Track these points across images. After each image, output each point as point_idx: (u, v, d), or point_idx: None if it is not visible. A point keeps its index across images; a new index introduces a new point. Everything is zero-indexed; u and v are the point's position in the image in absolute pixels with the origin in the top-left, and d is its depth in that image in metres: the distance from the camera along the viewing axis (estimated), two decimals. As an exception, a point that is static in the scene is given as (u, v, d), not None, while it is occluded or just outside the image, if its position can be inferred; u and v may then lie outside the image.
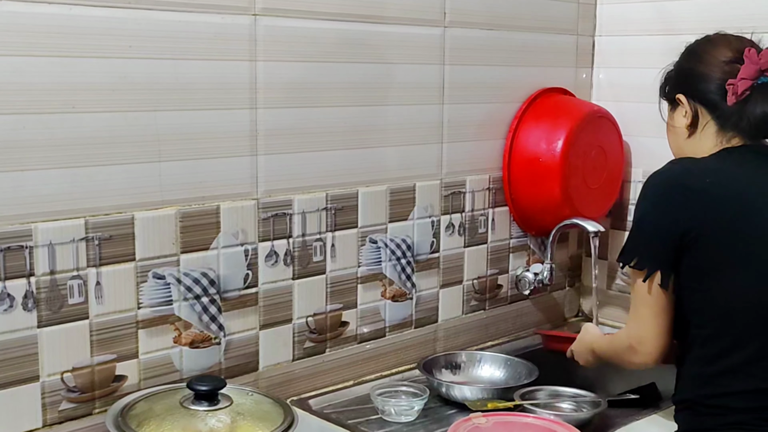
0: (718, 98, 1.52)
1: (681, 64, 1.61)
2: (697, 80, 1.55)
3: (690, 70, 1.58)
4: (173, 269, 1.59)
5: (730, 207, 1.45)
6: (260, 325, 1.74)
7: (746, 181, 1.49)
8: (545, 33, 2.23)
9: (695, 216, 1.45)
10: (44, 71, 1.39)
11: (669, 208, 1.47)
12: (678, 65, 1.62)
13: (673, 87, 1.61)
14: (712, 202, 1.45)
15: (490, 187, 2.15)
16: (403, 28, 1.89)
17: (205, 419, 1.40)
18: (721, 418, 1.44)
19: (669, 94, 1.63)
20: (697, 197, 1.46)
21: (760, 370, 1.42)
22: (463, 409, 1.77)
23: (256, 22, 1.64)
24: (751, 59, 1.49)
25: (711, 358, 1.46)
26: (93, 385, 1.51)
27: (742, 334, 1.43)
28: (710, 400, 1.45)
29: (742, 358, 1.43)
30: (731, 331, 1.44)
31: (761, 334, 1.42)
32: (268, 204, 1.71)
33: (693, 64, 1.57)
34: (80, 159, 1.45)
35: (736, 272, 1.43)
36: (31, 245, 1.41)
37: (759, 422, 1.42)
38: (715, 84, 1.52)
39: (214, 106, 1.60)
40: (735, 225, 1.44)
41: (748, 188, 1.48)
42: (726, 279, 1.44)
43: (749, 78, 1.48)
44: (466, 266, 2.13)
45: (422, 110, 1.97)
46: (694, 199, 1.46)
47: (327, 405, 1.80)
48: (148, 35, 1.50)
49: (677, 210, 1.46)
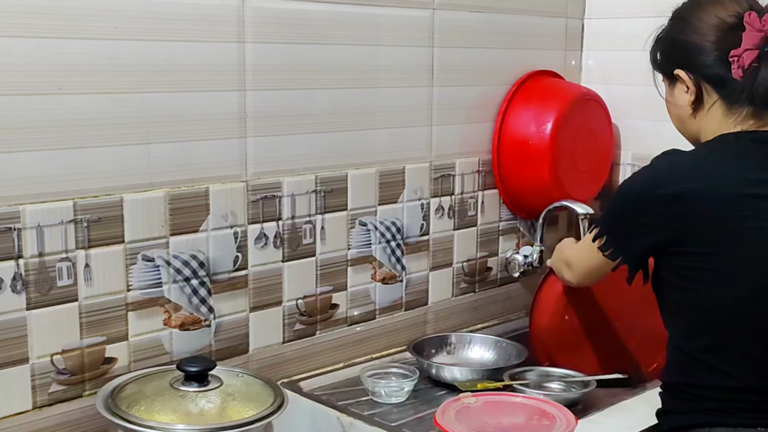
0: (722, 71, 1.39)
1: (672, 33, 1.48)
2: (693, 53, 1.42)
3: (684, 42, 1.44)
4: (162, 251, 1.58)
5: (710, 211, 1.36)
6: (250, 307, 1.74)
7: (733, 180, 1.37)
8: (534, 16, 2.23)
9: (673, 224, 1.39)
10: (31, 52, 1.38)
11: (648, 214, 1.41)
12: (669, 34, 1.49)
13: (669, 60, 1.49)
14: (690, 208, 1.37)
15: (480, 169, 2.15)
16: (393, 10, 1.89)
17: (195, 400, 1.40)
18: (696, 403, 1.45)
19: (665, 67, 1.51)
20: (672, 205, 1.38)
21: (737, 370, 1.40)
22: (453, 390, 1.78)
23: (244, 3, 1.63)
24: (753, 25, 1.35)
25: (691, 350, 1.45)
26: (83, 367, 1.51)
27: (722, 334, 1.40)
28: (687, 387, 1.46)
29: (720, 357, 1.41)
30: (712, 330, 1.41)
31: (740, 336, 1.40)
32: (258, 186, 1.71)
33: (686, 34, 1.44)
34: (68, 141, 1.44)
35: (715, 276, 1.38)
36: (19, 227, 1.41)
37: (732, 410, 1.42)
38: (715, 55, 1.39)
39: (203, 88, 1.60)
40: (714, 229, 1.37)
41: (734, 189, 1.37)
42: (705, 282, 1.40)
43: (754, 47, 1.35)
44: (456, 249, 2.14)
45: (411, 93, 1.97)
46: (675, 205, 1.38)
47: (317, 387, 1.80)
48: (136, 16, 1.49)
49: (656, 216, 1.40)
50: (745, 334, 1.40)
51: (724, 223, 1.37)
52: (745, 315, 1.39)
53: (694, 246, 1.39)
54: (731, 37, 1.38)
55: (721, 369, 1.41)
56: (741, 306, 1.39)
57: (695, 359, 1.44)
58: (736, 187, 1.37)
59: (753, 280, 1.37)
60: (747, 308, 1.39)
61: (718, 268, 1.38)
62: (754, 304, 1.38)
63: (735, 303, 1.39)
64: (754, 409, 1.42)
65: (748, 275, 1.37)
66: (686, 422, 1.46)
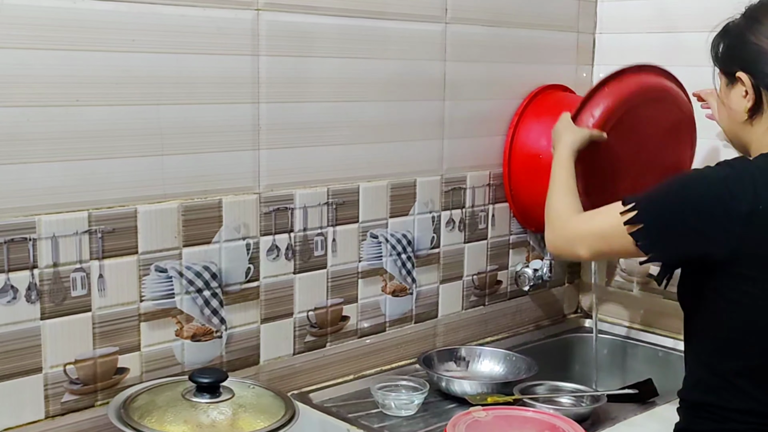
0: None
1: (743, 31, 1.38)
2: (761, 58, 1.34)
3: (754, 44, 1.35)
4: (175, 262, 1.59)
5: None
6: (261, 318, 1.75)
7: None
8: (546, 30, 2.24)
9: (732, 242, 1.30)
10: (48, 64, 1.40)
11: (703, 225, 1.32)
12: (739, 31, 1.39)
13: (733, 60, 1.40)
14: (758, 230, 1.29)
15: (491, 183, 2.16)
16: (405, 24, 1.90)
17: (207, 411, 1.41)
18: (719, 423, 1.41)
19: (726, 66, 1.42)
20: (741, 223, 1.28)
21: (762, 394, 1.37)
22: (462, 403, 1.78)
23: (258, 16, 1.65)
24: None
25: (721, 371, 1.40)
26: (95, 377, 1.52)
27: (758, 358, 1.37)
28: (712, 408, 1.42)
29: (751, 381, 1.37)
30: (748, 353, 1.37)
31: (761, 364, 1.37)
32: (270, 198, 1.72)
33: (758, 37, 1.35)
34: (83, 152, 1.46)
35: (765, 302, 1.33)
36: (34, 237, 1.42)
37: (759, 427, 1.39)
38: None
39: (217, 101, 1.61)
40: None
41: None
42: (752, 307, 1.34)
43: None
44: (466, 262, 2.14)
45: (423, 106, 1.97)
46: (739, 224, 1.29)
47: (327, 399, 1.80)
48: (152, 29, 1.51)
49: (713, 228, 1.31)
50: None
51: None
52: None
53: (752, 270, 1.31)
54: None
55: (751, 393, 1.37)
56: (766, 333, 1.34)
57: (724, 380, 1.39)
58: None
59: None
60: None
61: (759, 291, 1.32)
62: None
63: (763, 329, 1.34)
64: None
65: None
66: None
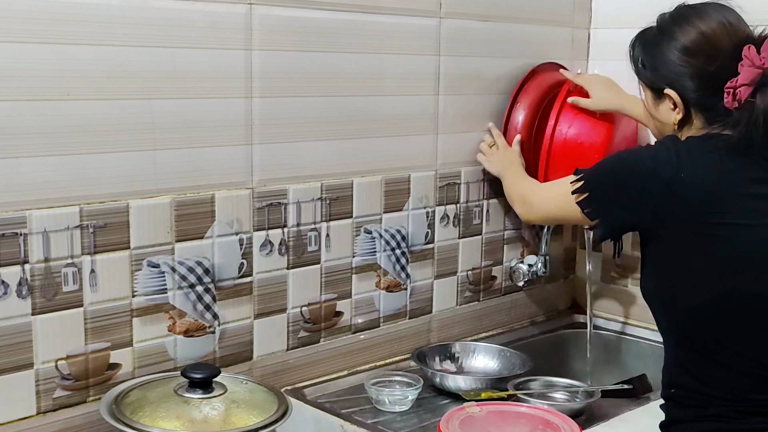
0: (714, 101, 1.39)
1: (664, 51, 1.44)
2: (688, 77, 1.42)
3: (676, 63, 1.43)
4: (168, 258, 1.59)
5: (698, 206, 1.38)
6: (255, 314, 1.74)
7: (724, 174, 1.39)
8: (541, 25, 2.23)
9: (659, 207, 1.40)
10: (40, 58, 1.39)
11: (636, 191, 1.42)
12: (660, 50, 1.45)
13: (658, 78, 1.47)
14: (681, 198, 1.39)
15: (485, 178, 2.15)
16: (399, 18, 1.89)
17: (200, 407, 1.40)
18: (702, 409, 1.44)
19: (652, 83, 1.49)
20: (666, 190, 1.39)
21: (734, 360, 1.41)
22: (456, 398, 1.78)
23: (251, 11, 1.64)
24: (753, 61, 1.34)
25: (687, 345, 1.45)
26: (87, 372, 1.51)
27: (709, 324, 1.41)
28: (691, 384, 1.45)
29: (713, 347, 1.42)
30: (700, 318, 1.42)
31: (727, 329, 1.41)
32: (263, 193, 1.71)
33: (679, 55, 1.42)
34: (75, 147, 1.45)
35: (702, 262, 1.40)
36: (25, 232, 1.41)
37: (739, 415, 1.41)
38: (712, 85, 1.39)
39: (210, 95, 1.60)
40: (703, 216, 1.38)
41: (720, 186, 1.39)
42: (692, 269, 1.41)
43: (750, 83, 1.35)
44: (461, 257, 2.13)
45: (417, 101, 1.97)
46: (662, 191, 1.39)
47: (321, 394, 1.80)
48: (144, 23, 1.50)
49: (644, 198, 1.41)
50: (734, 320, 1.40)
51: (705, 215, 1.38)
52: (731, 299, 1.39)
53: (676, 232, 1.40)
54: (727, 66, 1.37)
55: (718, 360, 1.41)
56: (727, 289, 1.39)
57: (697, 355, 1.43)
58: (717, 181, 1.39)
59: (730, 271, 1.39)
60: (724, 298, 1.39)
61: (696, 255, 1.39)
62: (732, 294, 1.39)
63: (721, 286, 1.39)
64: (762, 413, 1.41)
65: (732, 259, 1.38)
66: (693, 430, 1.45)
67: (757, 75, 1.35)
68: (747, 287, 1.39)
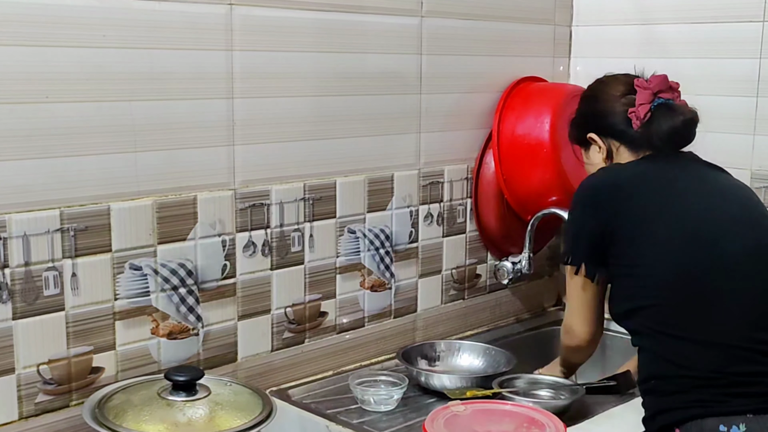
0: (624, 127, 1.68)
1: (583, 109, 1.79)
2: (602, 117, 1.72)
3: (594, 111, 1.74)
4: (150, 260, 1.58)
5: (647, 193, 1.58)
6: (239, 315, 1.74)
7: (661, 171, 1.62)
8: (522, 23, 2.23)
9: (615, 209, 1.59)
10: (17, 61, 1.38)
11: (592, 208, 1.63)
12: (580, 112, 1.80)
13: (582, 130, 1.77)
14: (629, 191, 1.60)
15: (468, 176, 2.15)
16: (381, 17, 1.89)
17: (183, 409, 1.40)
18: (684, 395, 1.47)
19: (579, 136, 1.79)
20: (615, 191, 1.61)
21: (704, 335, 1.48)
22: (442, 397, 1.77)
23: (232, 11, 1.63)
24: (642, 86, 1.66)
25: (657, 334, 1.52)
26: (70, 377, 1.50)
27: (676, 305, 1.51)
28: (668, 371, 1.50)
29: (683, 327, 1.49)
30: (665, 304, 1.52)
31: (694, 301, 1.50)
32: (246, 194, 1.71)
33: (595, 105, 1.74)
34: (55, 149, 1.44)
35: (656, 249, 1.54)
36: (5, 236, 1.40)
37: (721, 397, 1.45)
38: (620, 116, 1.68)
39: (190, 96, 1.60)
40: (652, 209, 1.57)
41: (662, 176, 1.61)
42: (649, 257, 1.54)
43: (647, 102, 1.65)
44: (445, 256, 2.14)
45: (400, 100, 1.97)
46: (612, 193, 1.61)
47: (306, 395, 1.80)
48: (123, 24, 1.49)
49: (599, 207, 1.61)
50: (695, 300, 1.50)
51: (650, 204, 1.57)
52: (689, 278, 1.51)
53: (630, 228, 1.57)
54: (630, 101, 1.68)
55: (692, 338, 1.48)
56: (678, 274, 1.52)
57: (666, 341, 1.51)
58: (654, 177, 1.61)
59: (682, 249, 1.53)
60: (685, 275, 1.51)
61: (651, 245, 1.55)
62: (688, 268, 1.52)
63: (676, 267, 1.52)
64: (745, 393, 1.45)
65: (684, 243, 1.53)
66: (676, 418, 1.48)
67: (650, 95, 1.65)
68: (704, 254, 1.52)
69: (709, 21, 2.10)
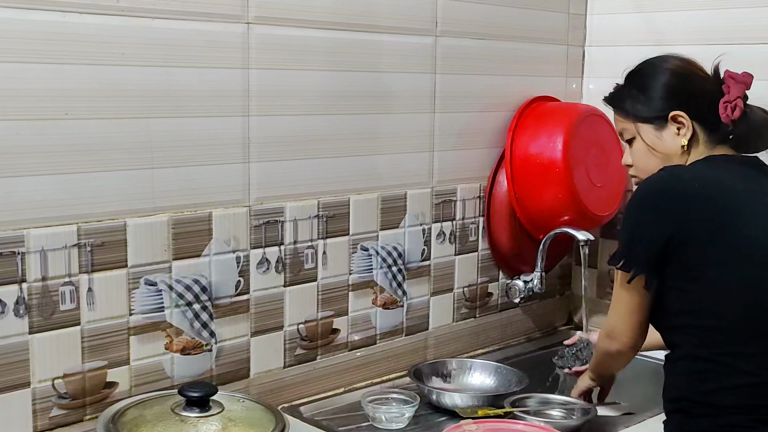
0: (716, 116, 1.53)
1: (673, 82, 1.57)
2: (699, 97, 1.55)
3: (690, 88, 1.56)
4: (165, 276, 1.59)
5: (716, 208, 1.46)
6: (252, 332, 1.74)
7: (731, 184, 1.49)
8: (536, 43, 2.25)
9: (681, 219, 1.45)
10: (38, 78, 1.40)
11: (656, 214, 1.48)
12: (666, 84, 1.58)
13: (665, 104, 1.56)
14: (699, 204, 1.46)
15: (481, 195, 2.16)
16: (395, 36, 1.90)
17: (197, 425, 1.40)
18: (713, 419, 1.43)
19: (657, 111, 1.57)
20: (683, 200, 1.46)
21: (751, 366, 1.42)
22: (453, 416, 1.77)
23: (249, 30, 1.65)
24: (736, 79, 1.53)
25: (701, 355, 1.45)
26: (84, 391, 1.51)
27: (732, 330, 1.43)
28: (702, 397, 1.45)
29: (732, 354, 1.42)
30: (721, 328, 1.44)
31: (751, 330, 1.42)
32: (260, 211, 1.72)
33: (690, 82, 1.57)
34: (73, 165, 1.45)
35: (722, 271, 1.44)
36: (23, 251, 1.41)
37: (753, 423, 1.41)
38: (714, 103, 1.53)
39: (207, 114, 1.61)
40: (720, 225, 1.45)
41: (733, 191, 1.48)
42: (712, 277, 1.44)
43: (741, 96, 1.52)
44: (457, 274, 2.14)
45: (413, 119, 1.98)
46: (680, 202, 1.46)
47: (318, 412, 1.80)
48: (142, 42, 1.51)
49: (664, 214, 1.47)
50: (754, 325, 1.42)
51: (729, 220, 1.45)
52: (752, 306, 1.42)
53: (699, 240, 1.44)
54: (709, 86, 1.55)
55: (736, 366, 1.42)
56: (747, 296, 1.43)
57: (707, 363, 1.44)
58: (728, 191, 1.49)
59: (751, 272, 1.44)
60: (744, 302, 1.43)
61: (721, 262, 1.44)
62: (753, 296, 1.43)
63: (741, 294, 1.43)
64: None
65: (751, 267, 1.44)
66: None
67: (743, 90, 1.53)
68: None
69: (722, 43, 2.11)
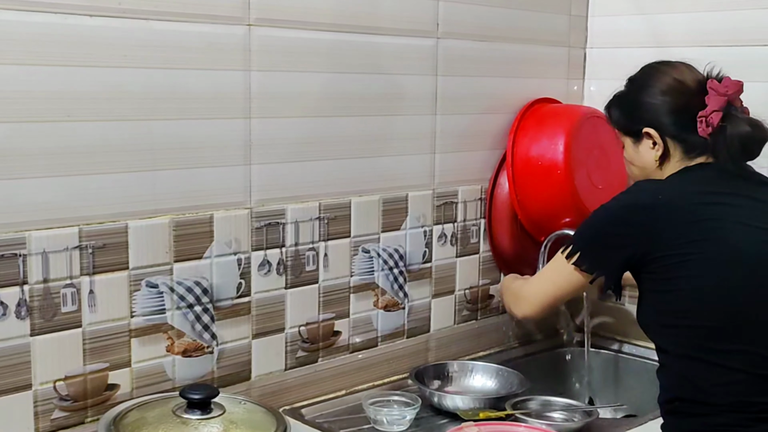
0: (690, 130, 1.54)
1: (638, 97, 1.61)
2: (669, 114, 1.56)
3: (651, 103, 1.58)
4: (166, 278, 1.59)
5: (686, 217, 1.48)
6: (253, 334, 1.74)
7: (704, 191, 1.52)
8: (537, 45, 2.25)
9: (649, 231, 1.49)
10: (40, 80, 1.40)
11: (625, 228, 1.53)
12: (634, 98, 1.62)
13: (637, 122, 1.60)
14: (666, 214, 1.49)
15: (482, 197, 2.16)
16: (397, 38, 1.90)
17: (198, 428, 1.40)
18: (705, 418, 1.45)
19: (631, 127, 1.62)
20: (651, 213, 1.50)
21: (738, 362, 1.44)
22: (455, 418, 1.77)
23: (250, 32, 1.65)
24: (717, 90, 1.52)
25: (689, 355, 1.48)
26: (85, 393, 1.51)
27: (715, 328, 1.46)
28: (694, 396, 1.47)
29: (717, 351, 1.45)
30: (704, 326, 1.46)
31: (733, 328, 1.45)
32: (262, 213, 1.72)
33: (653, 97, 1.58)
34: (75, 168, 1.45)
35: (699, 273, 1.46)
36: (24, 253, 1.41)
37: (746, 422, 1.43)
38: (687, 117, 1.54)
39: (209, 116, 1.61)
40: (691, 232, 1.47)
41: (705, 197, 1.51)
42: (689, 280, 1.47)
43: (719, 109, 1.51)
44: (458, 276, 2.14)
45: (415, 120, 1.98)
46: (649, 215, 1.50)
47: (319, 414, 1.80)
48: (144, 45, 1.51)
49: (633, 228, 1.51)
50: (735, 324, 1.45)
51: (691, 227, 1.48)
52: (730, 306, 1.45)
53: (668, 249, 1.48)
54: (694, 100, 1.54)
55: (724, 364, 1.44)
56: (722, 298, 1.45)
57: (696, 363, 1.47)
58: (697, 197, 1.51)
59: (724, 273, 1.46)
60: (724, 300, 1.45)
61: (691, 267, 1.47)
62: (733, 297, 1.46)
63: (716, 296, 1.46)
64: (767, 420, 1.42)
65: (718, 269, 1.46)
66: None
67: (724, 102, 1.52)
68: (747, 281, 1.46)
69: (723, 44, 2.11)
